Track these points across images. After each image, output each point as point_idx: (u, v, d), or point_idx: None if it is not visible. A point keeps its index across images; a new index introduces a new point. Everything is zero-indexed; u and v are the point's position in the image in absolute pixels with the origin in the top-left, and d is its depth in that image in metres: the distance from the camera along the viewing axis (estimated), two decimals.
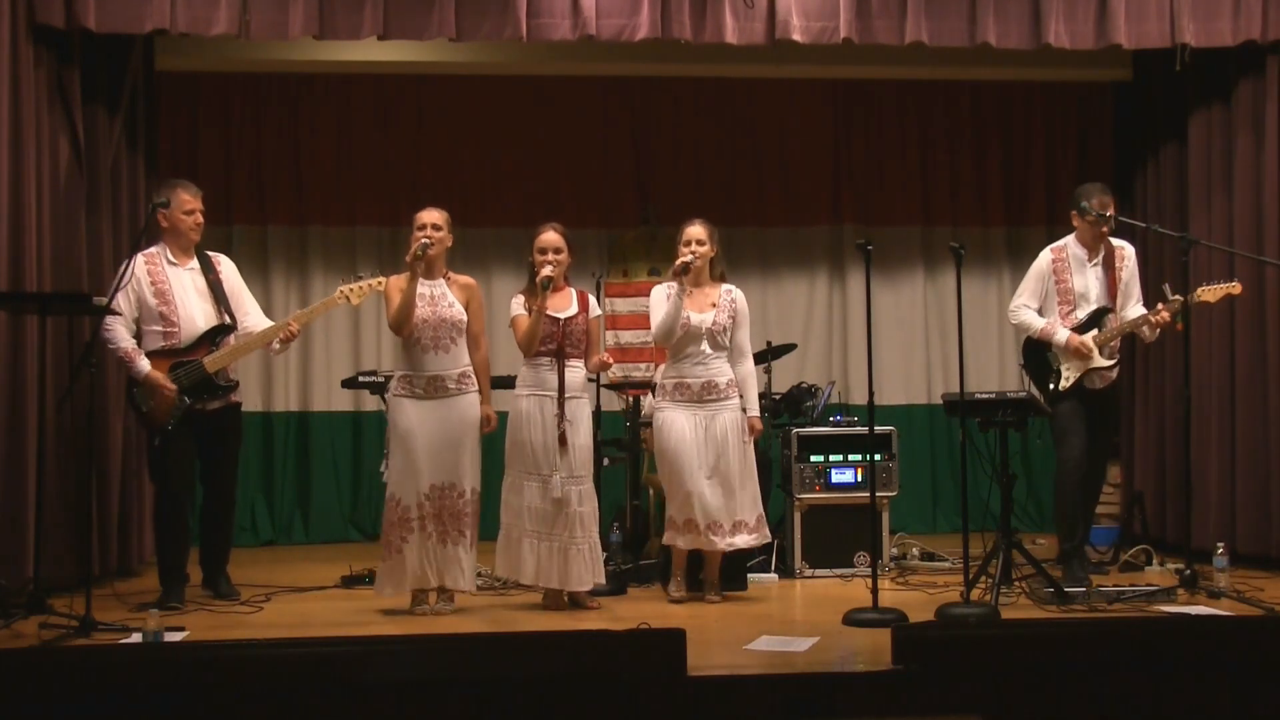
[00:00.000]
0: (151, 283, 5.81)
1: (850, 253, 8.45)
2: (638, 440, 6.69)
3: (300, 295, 8.20)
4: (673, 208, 7.78)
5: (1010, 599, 5.59)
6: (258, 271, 8.16)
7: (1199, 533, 6.45)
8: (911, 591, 6.04)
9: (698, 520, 5.78)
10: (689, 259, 5.80)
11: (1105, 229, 6.15)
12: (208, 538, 6.10)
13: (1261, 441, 6.62)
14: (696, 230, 5.87)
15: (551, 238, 5.76)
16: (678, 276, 5.79)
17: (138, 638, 4.76)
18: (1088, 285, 6.22)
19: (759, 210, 8.62)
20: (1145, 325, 6.12)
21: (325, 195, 8.33)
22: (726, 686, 4.02)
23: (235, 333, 5.94)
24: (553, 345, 5.70)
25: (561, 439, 5.62)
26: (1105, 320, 6.21)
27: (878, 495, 6.08)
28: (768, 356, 7.18)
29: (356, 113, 8.36)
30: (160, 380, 5.71)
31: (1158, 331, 6.17)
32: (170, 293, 5.83)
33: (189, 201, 5.92)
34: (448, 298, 5.61)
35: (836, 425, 6.85)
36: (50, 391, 5.43)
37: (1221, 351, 6.88)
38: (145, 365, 5.72)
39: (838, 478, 6.62)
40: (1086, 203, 6.16)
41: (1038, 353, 6.32)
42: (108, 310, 5.53)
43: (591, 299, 5.90)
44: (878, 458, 6.45)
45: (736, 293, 6.00)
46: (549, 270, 5.63)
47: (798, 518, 6.58)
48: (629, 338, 8.37)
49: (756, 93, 8.54)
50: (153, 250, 5.89)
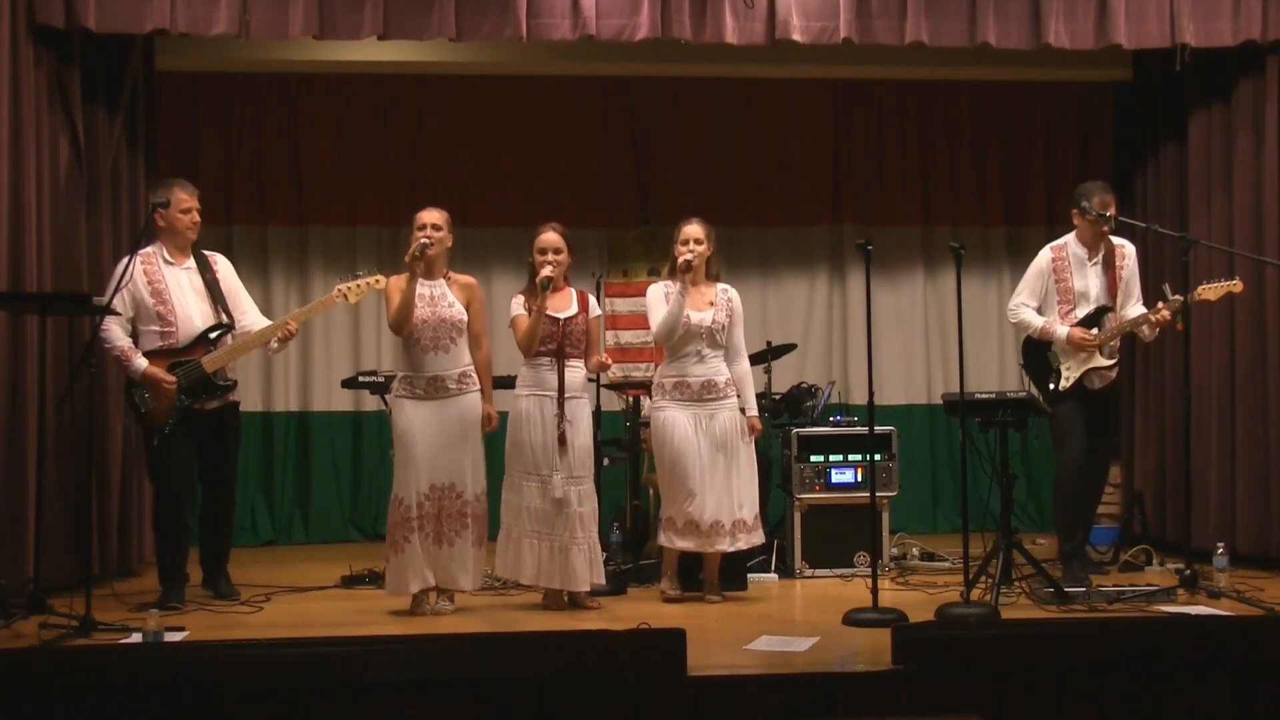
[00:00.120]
0: (148, 282, 5.80)
1: (850, 253, 8.45)
2: (638, 440, 6.69)
3: (300, 295, 8.20)
4: (673, 208, 7.78)
5: (1010, 599, 5.59)
6: (258, 271, 8.17)
7: (1199, 533, 6.45)
8: (911, 591, 6.04)
9: (699, 521, 5.79)
10: (689, 257, 5.80)
11: (1105, 228, 6.15)
12: (207, 538, 6.10)
13: (1261, 441, 6.62)
14: (694, 229, 5.87)
15: (551, 238, 5.76)
16: (680, 275, 5.79)
17: (138, 638, 4.76)
18: (1088, 284, 6.21)
19: (759, 210, 8.63)
20: (1145, 324, 6.11)
21: (325, 195, 8.33)
22: (726, 686, 4.02)
23: (233, 332, 5.94)
24: (553, 345, 5.70)
25: (561, 439, 5.62)
26: (1105, 319, 6.20)
27: (878, 495, 6.08)
28: (768, 356, 7.18)
29: (356, 113, 8.36)
30: (159, 375, 5.70)
31: (1157, 331, 6.16)
32: (167, 292, 5.83)
33: (186, 200, 5.92)
34: (448, 298, 5.61)
35: (836, 425, 6.85)
36: (50, 391, 5.43)
37: (1221, 351, 6.88)
38: (142, 363, 5.72)
39: (838, 478, 6.62)
40: (1087, 202, 6.15)
41: (1037, 352, 6.31)
42: (107, 310, 5.53)
43: (591, 299, 5.90)
44: (878, 458, 6.45)
45: (732, 291, 6.01)
46: (549, 270, 5.63)
47: (798, 518, 6.58)
48: (629, 338, 8.37)
49: (756, 93, 8.54)
50: (149, 250, 5.87)
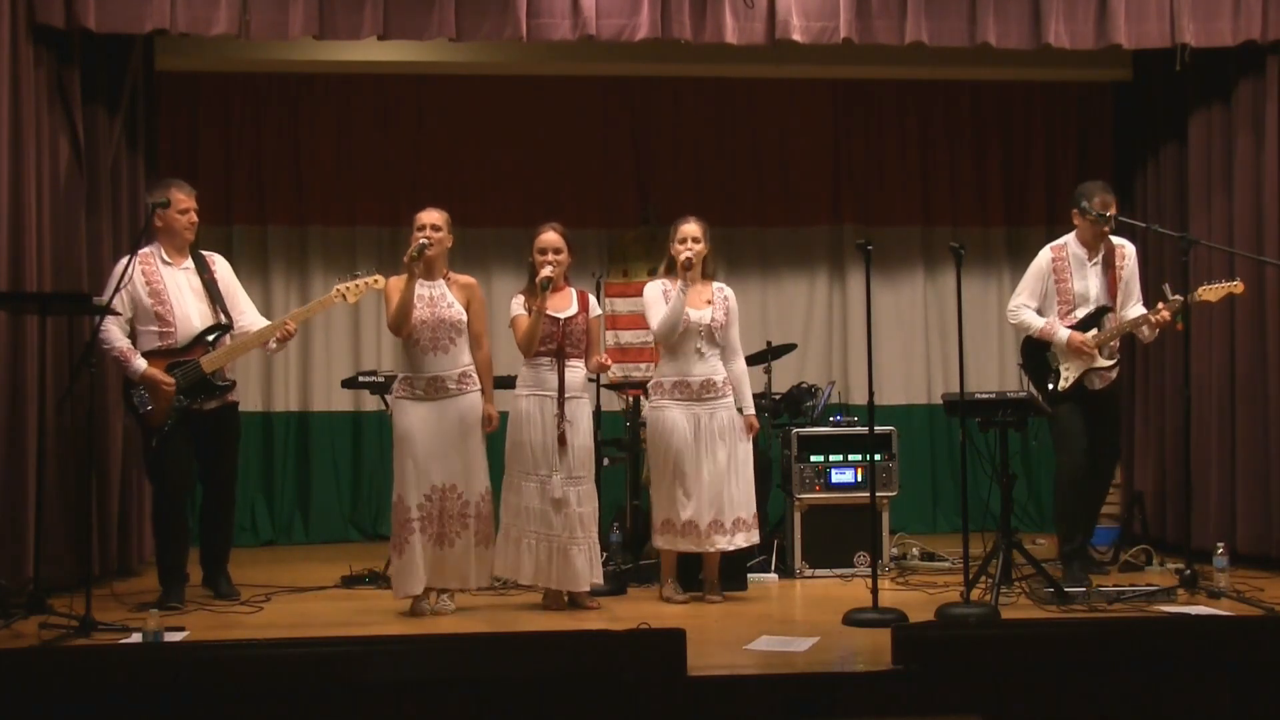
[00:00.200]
0: (146, 283, 5.80)
1: (850, 253, 8.45)
2: (638, 440, 6.69)
3: (300, 295, 8.19)
4: (673, 208, 7.74)
5: (1010, 599, 5.59)
6: (258, 271, 8.18)
7: (1199, 533, 6.45)
8: (911, 591, 6.04)
9: (698, 520, 5.79)
10: (690, 255, 5.80)
11: (1106, 228, 6.15)
12: (207, 537, 6.10)
13: (1261, 441, 6.62)
14: (692, 228, 5.87)
15: (551, 238, 5.76)
16: (682, 273, 5.79)
17: (138, 638, 4.76)
18: (1087, 284, 6.21)
19: (759, 210, 8.63)
20: (1145, 325, 6.11)
21: (325, 195, 8.33)
22: (726, 686, 4.02)
23: (231, 332, 5.94)
24: (553, 345, 5.69)
25: (561, 439, 5.62)
26: (1105, 320, 6.20)
27: (878, 495, 6.08)
28: (768, 356, 7.18)
29: (356, 113, 8.36)
30: (157, 375, 5.70)
31: (1157, 331, 6.16)
32: (165, 293, 5.82)
33: (183, 201, 5.92)
34: (447, 298, 5.60)
35: (836, 425, 6.85)
36: (50, 391, 5.43)
37: (1221, 351, 6.88)
38: (141, 364, 5.72)
39: (838, 478, 6.62)
40: (1087, 202, 6.15)
41: (1036, 353, 6.31)
42: (107, 310, 5.53)
43: (591, 299, 5.90)
44: (878, 458, 6.45)
45: (728, 290, 6.03)
46: (548, 271, 5.62)
47: (798, 518, 6.58)
48: (629, 338, 8.37)
49: (756, 93, 8.54)
50: (147, 250, 5.86)
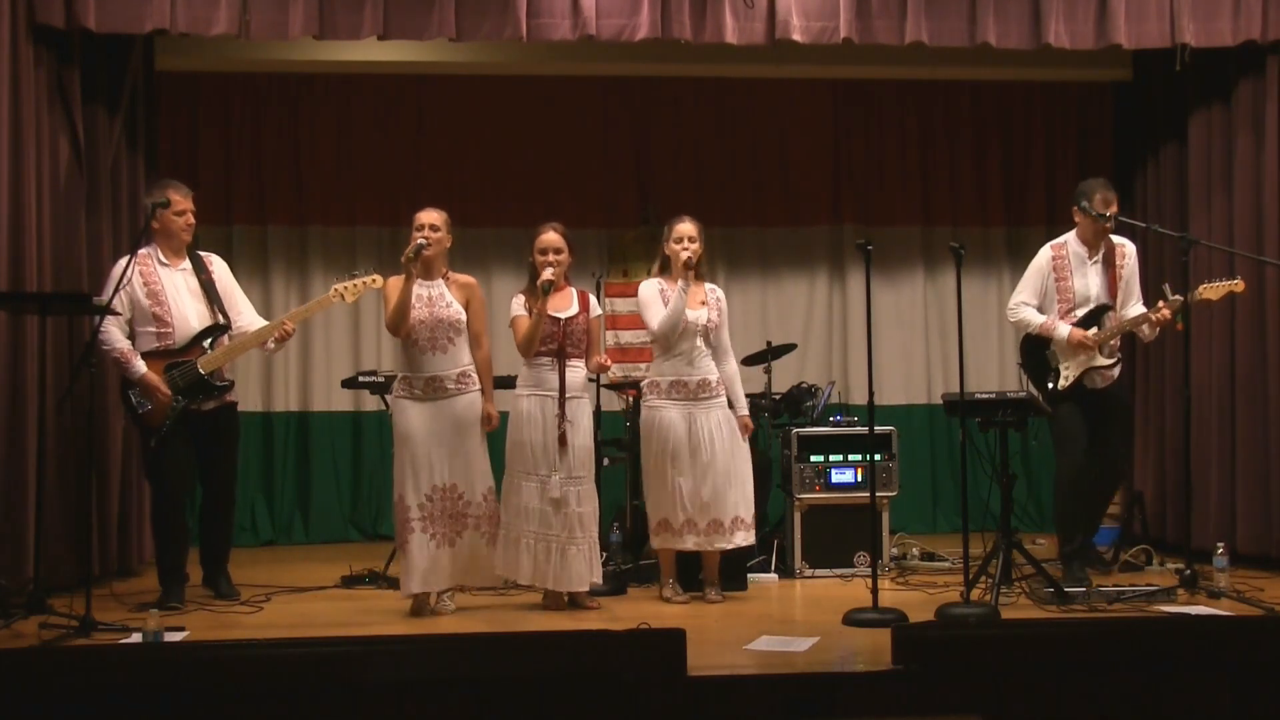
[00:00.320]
0: (144, 284, 5.80)
1: (850, 253, 8.45)
2: (638, 440, 6.67)
3: (300, 295, 8.19)
4: (673, 208, 7.72)
5: (1010, 599, 5.59)
6: (258, 272, 8.18)
7: (1199, 533, 6.45)
8: (911, 591, 6.04)
9: (697, 520, 5.79)
10: (689, 256, 5.80)
11: (1107, 226, 6.15)
12: (207, 537, 6.10)
13: (1261, 441, 6.62)
14: (688, 227, 5.87)
15: (552, 238, 5.75)
16: (683, 273, 5.78)
17: (138, 638, 4.76)
18: (1088, 283, 6.21)
19: (759, 210, 8.63)
20: (1145, 324, 6.10)
21: (325, 195, 8.33)
22: (726, 686, 4.02)
23: (229, 333, 5.94)
24: (554, 345, 5.69)
25: (562, 439, 5.62)
26: (1105, 318, 6.19)
27: (878, 495, 6.08)
28: (768, 356, 7.18)
29: (356, 113, 8.36)
30: (155, 383, 5.70)
31: (1157, 330, 6.16)
32: (163, 293, 5.82)
33: (180, 202, 5.91)
34: (446, 298, 5.60)
35: (836, 425, 6.85)
36: (50, 391, 5.43)
37: (1221, 351, 6.87)
38: (141, 367, 5.71)
39: (838, 478, 6.62)
40: (1087, 201, 6.15)
41: (1036, 352, 6.31)
42: (107, 310, 5.53)
43: (592, 299, 5.90)
44: (878, 458, 6.44)
45: (719, 291, 6.05)
46: (549, 274, 5.61)
47: (798, 518, 6.58)
48: (629, 338, 8.37)
49: (756, 93, 8.53)
50: (144, 251, 5.86)
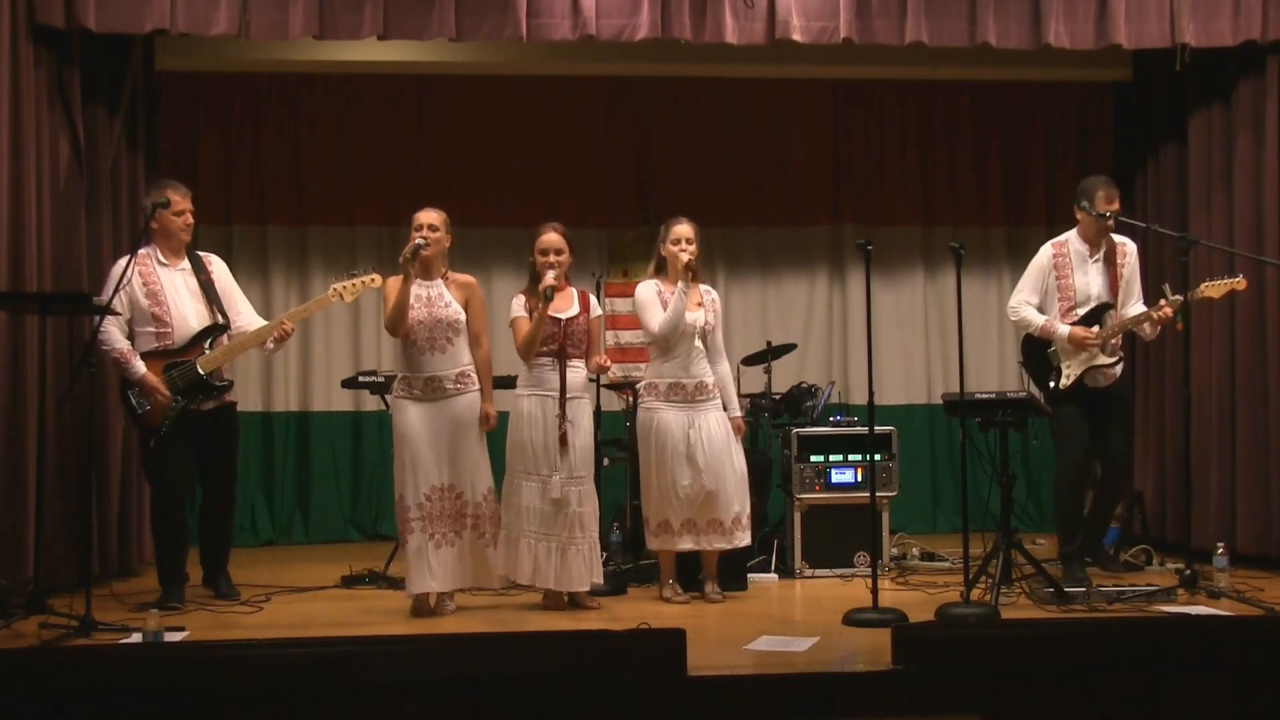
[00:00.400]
0: (143, 284, 5.80)
1: (850, 253, 8.45)
2: (637, 440, 6.68)
3: (300, 295, 8.18)
4: (673, 208, 7.72)
5: (1010, 599, 5.59)
6: (258, 272, 8.18)
7: (1199, 533, 6.45)
8: (911, 591, 6.04)
9: (697, 520, 5.79)
10: (689, 258, 5.80)
11: (1108, 224, 6.14)
12: (207, 537, 6.10)
13: (1261, 441, 6.62)
14: (686, 229, 5.87)
15: (552, 238, 5.75)
16: (684, 274, 5.78)
17: (138, 638, 4.76)
18: (1088, 281, 6.20)
19: (759, 210, 8.63)
20: (1146, 322, 6.10)
21: (325, 195, 8.33)
22: (726, 686, 4.01)
23: (228, 332, 5.94)
24: (554, 345, 5.69)
25: (563, 439, 5.62)
26: (1105, 317, 6.19)
27: (878, 495, 6.08)
28: (768, 356, 7.18)
29: (356, 113, 8.36)
30: (155, 384, 5.71)
31: (1158, 329, 6.15)
32: (162, 293, 5.82)
33: (179, 202, 5.91)
34: (445, 298, 5.60)
35: (836, 425, 6.85)
36: (50, 391, 5.42)
37: (1221, 351, 6.87)
38: (141, 367, 5.72)
39: (838, 478, 6.62)
40: (1088, 200, 6.14)
41: (1037, 351, 6.30)
42: (107, 310, 5.53)
43: (592, 299, 5.90)
44: (878, 458, 6.44)
45: (714, 293, 6.07)
46: (551, 279, 5.60)
47: (798, 518, 6.58)
48: (629, 338, 8.37)
49: (756, 93, 8.53)
50: (143, 252, 5.86)
